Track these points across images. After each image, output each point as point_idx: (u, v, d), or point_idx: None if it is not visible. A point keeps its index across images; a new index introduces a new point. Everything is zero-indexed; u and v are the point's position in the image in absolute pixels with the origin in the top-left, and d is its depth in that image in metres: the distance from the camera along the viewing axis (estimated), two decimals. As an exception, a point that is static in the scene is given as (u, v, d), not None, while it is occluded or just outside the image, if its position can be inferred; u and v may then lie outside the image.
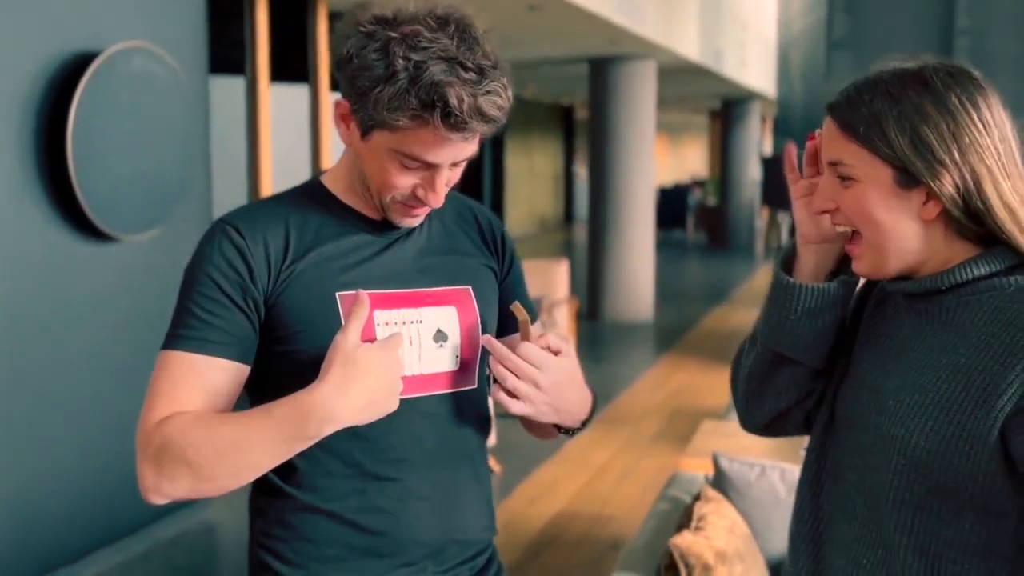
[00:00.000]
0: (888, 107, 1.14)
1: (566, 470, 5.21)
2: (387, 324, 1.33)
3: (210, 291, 1.29)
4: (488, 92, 1.22)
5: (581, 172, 22.28)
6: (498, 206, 18.65)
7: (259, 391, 1.34)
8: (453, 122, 1.21)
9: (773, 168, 14.42)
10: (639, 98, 9.55)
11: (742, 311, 10.47)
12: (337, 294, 1.33)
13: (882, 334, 1.26)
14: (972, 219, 1.15)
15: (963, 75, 1.17)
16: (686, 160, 28.90)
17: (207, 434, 1.23)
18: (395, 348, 1.25)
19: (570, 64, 10.32)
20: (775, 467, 2.45)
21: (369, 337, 1.29)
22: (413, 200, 1.31)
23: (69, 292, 3.58)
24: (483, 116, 1.22)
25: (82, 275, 3.61)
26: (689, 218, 20.43)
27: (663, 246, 17.12)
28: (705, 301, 11.28)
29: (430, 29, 1.22)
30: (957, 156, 1.12)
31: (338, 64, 1.27)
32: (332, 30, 1.42)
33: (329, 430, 1.22)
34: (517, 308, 1.36)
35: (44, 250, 3.53)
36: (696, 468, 2.86)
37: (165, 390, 1.28)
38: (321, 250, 1.34)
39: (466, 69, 1.21)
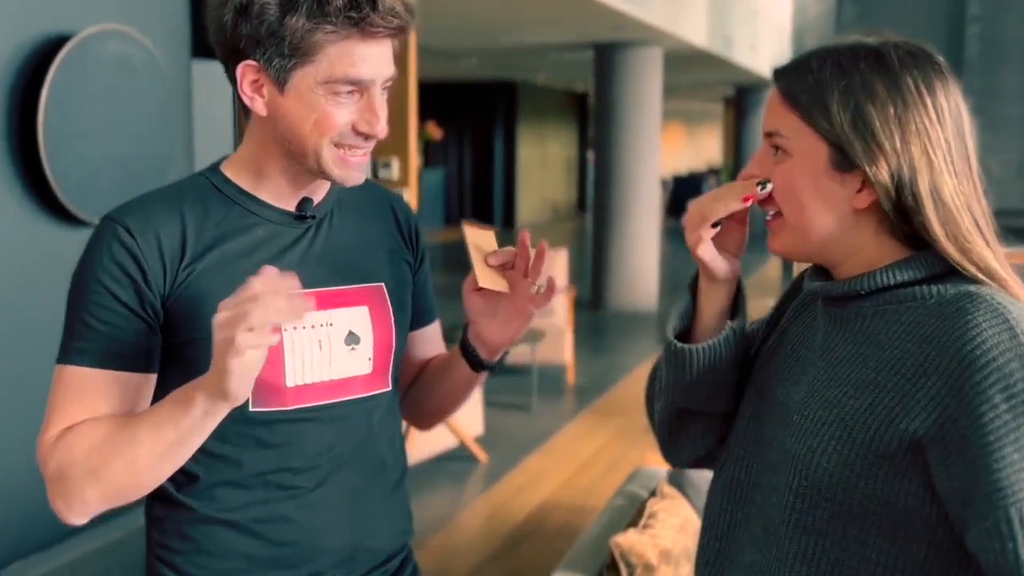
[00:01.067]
0: (835, 79, 1.05)
1: (554, 460, 5.16)
2: (295, 329, 1.25)
3: (102, 298, 1.20)
4: None
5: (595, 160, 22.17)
6: (510, 194, 18.57)
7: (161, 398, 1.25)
8: (383, 11, 1.16)
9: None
10: (645, 85, 9.45)
11: (751, 300, 10.32)
12: None
13: (796, 341, 1.17)
14: (901, 216, 1.05)
15: (924, 57, 1.07)
16: (703, 148, 28.71)
17: (103, 434, 1.18)
18: (243, 301, 1.06)
19: (576, 50, 10.23)
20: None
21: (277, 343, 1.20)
22: (353, 138, 1.22)
23: (40, 276, 3.56)
24: (407, 5, 1.19)
25: (54, 259, 3.58)
26: (703, 207, 20.24)
27: (676, 235, 16.99)
28: (712, 291, 11.16)
29: None
30: (899, 143, 1.02)
31: (234, 22, 1.18)
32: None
33: (231, 404, 1.11)
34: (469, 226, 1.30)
35: (15, 233, 3.50)
36: (661, 463, 2.80)
37: (62, 408, 1.21)
38: (222, 248, 1.25)
39: None
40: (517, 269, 1.30)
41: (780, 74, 1.11)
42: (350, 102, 1.20)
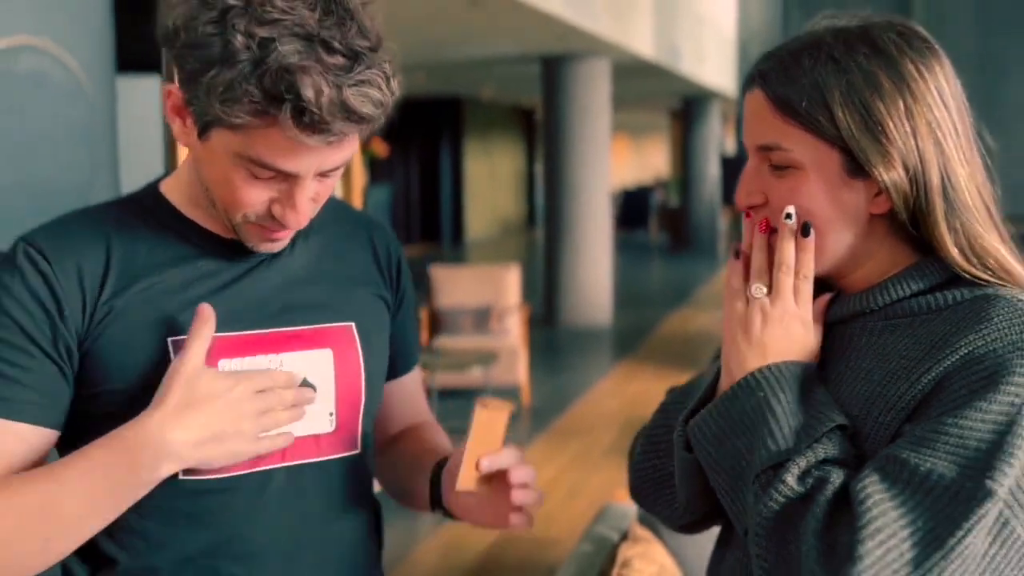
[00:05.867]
0: (834, 77, 0.93)
1: (511, 488, 4.96)
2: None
3: (8, 334, 1.00)
4: (360, 82, 0.92)
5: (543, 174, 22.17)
6: (458, 209, 18.43)
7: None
8: (308, 121, 0.91)
9: (734, 167, 14.26)
10: (593, 97, 9.35)
11: (702, 313, 10.29)
12: (170, 340, 1.03)
13: None
14: (913, 219, 0.94)
15: (914, 36, 0.97)
16: (649, 161, 28.85)
17: (6, 501, 0.95)
18: (258, 380, 1.00)
19: (523, 64, 10.11)
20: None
21: None
22: (268, 220, 1.01)
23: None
24: (350, 113, 0.93)
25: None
26: (651, 219, 20.34)
27: (626, 248, 16.96)
28: (666, 304, 11.10)
29: None
30: (912, 139, 0.92)
31: (164, 39, 0.97)
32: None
33: (166, 470, 0.96)
34: (483, 402, 1.06)
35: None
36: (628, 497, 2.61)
37: None
38: (151, 280, 1.05)
39: (331, 51, 0.92)
40: (502, 485, 1.07)
41: (765, 77, 0.96)
42: (272, 180, 0.99)
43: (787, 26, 8.42)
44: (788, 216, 0.96)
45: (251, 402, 0.99)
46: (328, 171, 1.00)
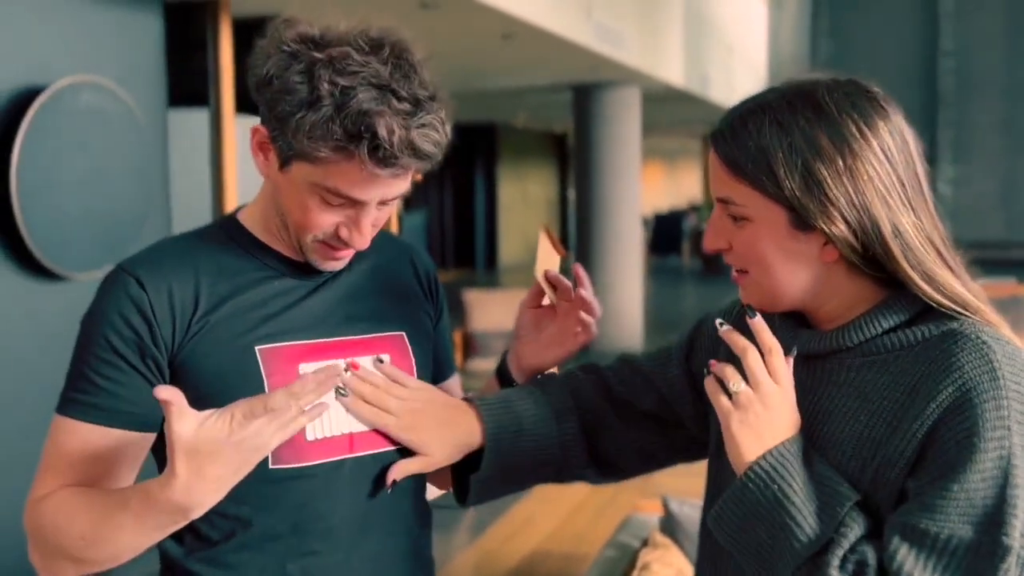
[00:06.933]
0: (777, 140, 1.01)
1: (542, 506, 5.08)
2: None
3: (104, 352, 1.16)
4: (423, 125, 1.11)
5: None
6: (491, 234, 18.55)
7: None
8: (381, 156, 1.09)
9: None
10: (623, 124, 9.48)
11: (733, 337, 10.29)
12: (257, 348, 1.20)
13: None
14: (870, 263, 1.02)
15: (860, 94, 1.04)
16: (682, 185, 28.86)
17: (75, 519, 1.13)
18: (247, 413, 1.07)
19: (555, 92, 10.27)
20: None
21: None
22: (335, 240, 1.19)
23: (15, 332, 3.49)
24: (415, 151, 1.11)
25: (29, 315, 3.52)
26: (684, 244, 20.34)
27: (658, 272, 17.02)
28: (696, 328, 11.12)
29: (361, 52, 1.11)
30: (853, 195, 0.99)
31: (257, 86, 1.16)
32: (244, 47, 1.28)
33: (197, 515, 1.10)
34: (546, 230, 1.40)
35: (-11, 290, 3.44)
36: (653, 509, 2.74)
37: (52, 463, 1.18)
38: (237, 300, 1.21)
39: (399, 98, 1.10)
40: (566, 297, 1.35)
41: (717, 141, 1.06)
42: (341, 206, 1.17)
43: (815, 54, 8.54)
44: (721, 325, 1.06)
45: (249, 439, 1.07)
46: (388, 200, 1.18)
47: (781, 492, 0.99)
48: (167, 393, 1.04)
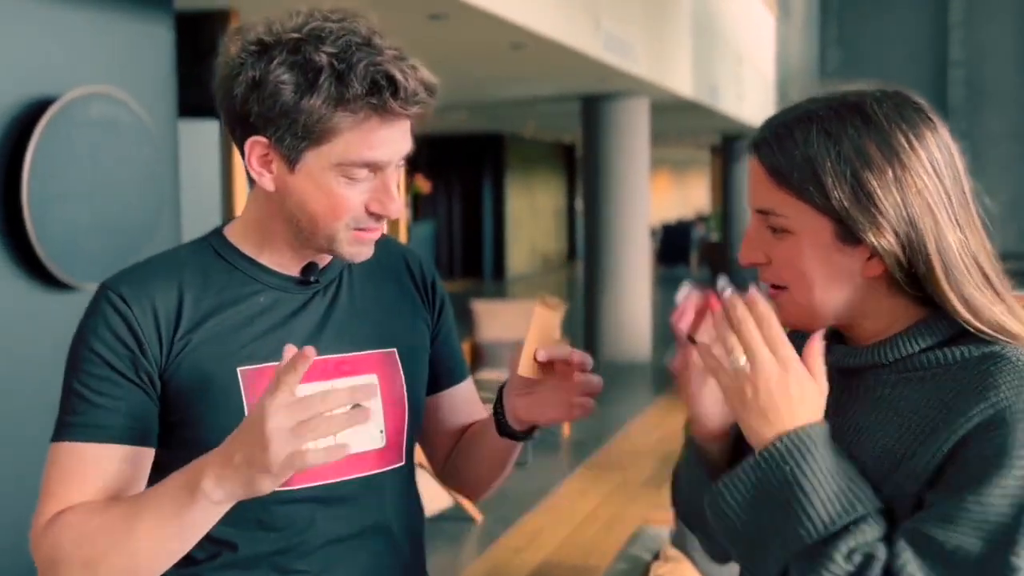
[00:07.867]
0: (825, 149, 0.97)
1: (552, 518, 5.06)
2: None
3: (97, 368, 1.15)
4: (415, 67, 1.13)
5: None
6: (499, 244, 18.57)
7: (159, 478, 1.17)
8: (404, 96, 1.10)
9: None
10: (632, 135, 9.49)
11: (742, 348, 10.27)
12: (239, 369, 1.18)
13: None
14: (912, 281, 0.99)
15: (908, 105, 1.01)
16: (691, 195, 28.86)
17: (99, 522, 1.10)
18: (284, 394, 1.01)
19: (564, 102, 10.28)
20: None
21: None
22: (367, 220, 1.17)
23: (26, 341, 3.49)
24: (427, 87, 1.13)
25: (40, 324, 3.52)
26: (693, 253, 20.34)
27: (667, 282, 16.98)
28: (705, 338, 11.10)
29: (330, 21, 1.13)
30: (902, 207, 0.96)
31: (243, 98, 1.13)
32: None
33: (219, 494, 1.05)
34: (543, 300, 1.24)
35: (1, 299, 3.44)
36: (664, 522, 2.73)
37: (55, 490, 1.14)
38: (221, 317, 1.19)
39: (387, 47, 1.13)
40: (563, 369, 1.23)
41: (761, 149, 1.03)
42: (364, 183, 1.16)
43: (824, 65, 8.53)
44: (723, 289, 1.02)
45: (265, 418, 1.02)
46: (400, 161, 1.17)
47: (794, 477, 0.94)
48: (293, 349, 1.02)
